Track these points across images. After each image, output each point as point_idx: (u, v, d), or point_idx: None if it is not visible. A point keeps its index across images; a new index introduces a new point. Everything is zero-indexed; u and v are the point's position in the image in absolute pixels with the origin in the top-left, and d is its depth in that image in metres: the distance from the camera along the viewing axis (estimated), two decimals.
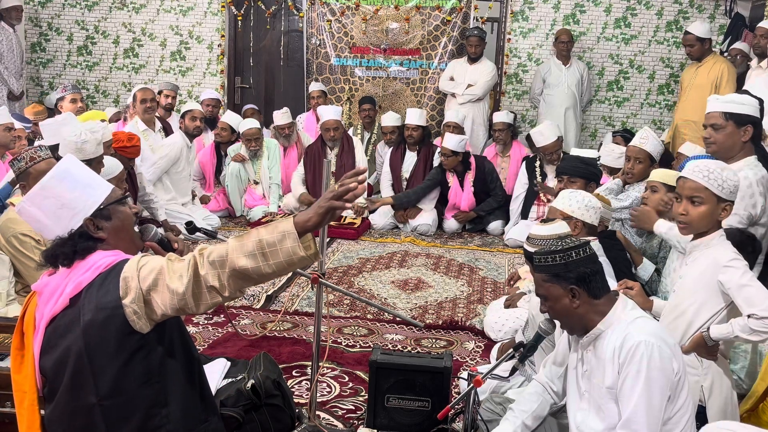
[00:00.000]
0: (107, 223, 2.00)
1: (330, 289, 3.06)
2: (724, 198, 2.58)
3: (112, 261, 1.93)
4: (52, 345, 1.92)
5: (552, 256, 2.22)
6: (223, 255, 1.83)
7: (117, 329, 1.86)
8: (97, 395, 1.88)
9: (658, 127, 7.84)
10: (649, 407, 2.09)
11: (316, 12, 7.98)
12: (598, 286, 2.23)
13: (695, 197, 2.59)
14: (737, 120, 3.31)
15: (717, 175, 2.57)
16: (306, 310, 4.37)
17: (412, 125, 6.74)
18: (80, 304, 1.89)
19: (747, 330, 2.41)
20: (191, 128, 6.24)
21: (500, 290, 4.93)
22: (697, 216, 2.60)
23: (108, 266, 1.92)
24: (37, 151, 3.43)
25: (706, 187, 2.57)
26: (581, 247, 2.23)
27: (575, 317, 2.24)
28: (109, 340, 1.87)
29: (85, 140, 4.13)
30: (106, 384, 1.88)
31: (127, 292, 1.85)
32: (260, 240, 1.83)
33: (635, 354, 2.10)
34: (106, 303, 1.86)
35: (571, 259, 2.20)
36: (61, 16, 8.46)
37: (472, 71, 7.38)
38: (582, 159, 4.69)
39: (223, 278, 1.84)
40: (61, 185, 1.98)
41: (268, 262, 1.83)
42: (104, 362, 1.88)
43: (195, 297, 1.85)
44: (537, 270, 2.28)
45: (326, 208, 1.86)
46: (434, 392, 2.79)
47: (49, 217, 1.97)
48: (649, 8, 7.80)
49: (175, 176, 6.17)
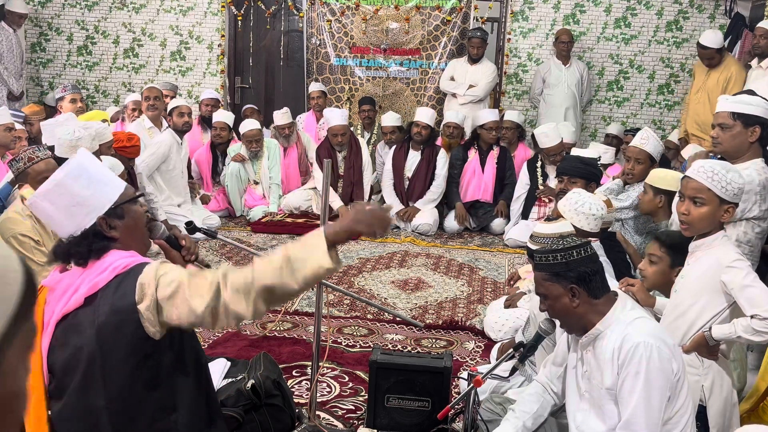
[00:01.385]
0: (120, 221, 1.98)
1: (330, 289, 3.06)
2: (727, 200, 2.56)
3: (129, 263, 1.91)
4: (62, 343, 1.90)
5: (553, 255, 2.22)
6: (248, 280, 1.81)
7: (131, 333, 1.85)
8: (106, 398, 1.87)
9: (658, 127, 7.84)
10: (649, 408, 2.09)
11: (316, 12, 7.98)
12: (597, 285, 2.22)
13: (697, 198, 2.57)
14: (745, 120, 3.30)
15: (721, 177, 2.55)
16: (306, 310, 4.36)
17: (423, 123, 6.67)
18: (95, 304, 1.87)
19: (750, 330, 2.41)
20: (180, 124, 6.17)
21: (500, 290, 4.92)
22: (698, 216, 2.58)
23: (125, 268, 1.90)
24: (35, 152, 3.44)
25: (709, 188, 2.55)
26: (582, 246, 2.23)
27: (574, 316, 2.24)
28: (122, 343, 1.85)
29: (79, 137, 4.14)
30: (115, 387, 1.87)
31: (142, 298, 1.84)
32: (288, 256, 1.81)
33: (634, 355, 2.10)
34: (121, 307, 1.85)
35: (572, 258, 2.20)
36: (61, 16, 8.45)
37: (473, 71, 7.38)
38: (582, 159, 4.68)
39: (248, 303, 1.81)
40: (77, 182, 1.94)
41: (295, 277, 1.80)
42: (116, 365, 1.87)
43: (213, 318, 1.84)
44: (537, 268, 2.28)
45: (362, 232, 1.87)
46: (434, 392, 2.79)
47: (62, 213, 1.94)
48: (649, 8, 7.80)
49: (166, 174, 6.09)
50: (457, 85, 7.43)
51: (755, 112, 3.32)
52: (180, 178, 6.26)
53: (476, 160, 6.68)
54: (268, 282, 1.80)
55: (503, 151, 6.73)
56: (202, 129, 7.31)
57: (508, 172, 6.68)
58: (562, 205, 3.48)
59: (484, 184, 6.67)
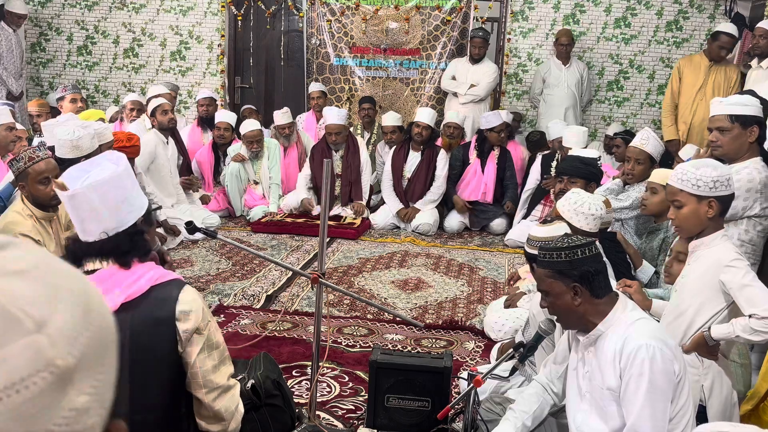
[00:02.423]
0: (149, 228, 2.03)
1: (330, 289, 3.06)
2: (704, 195, 2.59)
3: (162, 275, 1.94)
4: None
5: (558, 253, 2.21)
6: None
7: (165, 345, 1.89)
8: (131, 408, 1.87)
9: (658, 127, 7.83)
10: (654, 411, 2.09)
11: (316, 12, 7.98)
12: (600, 285, 2.22)
13: (675, 201, 2.66)
14: (743, 121, 3.31)
15: (690, 176, 2.61)
16: (306, 310, 4.36)
17: (424, 123, 6.67)
18: (130, 312, 1.86)
19: (748, 330, 2.41)
20: (165, 122, 6.09)
21: (500, 290, 4.92)
22: (683, 218, 2.65)
23: (158, 280, 1.93)
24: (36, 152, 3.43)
25: (681, 189, 2.62)
26: (587, 245, 2.22)
27: (575, 315, 2.24)
28: (155, 354, 1.87)
29: (80, 136, 4.14)
30: (141, 398, 1.88)
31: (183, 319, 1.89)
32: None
33: (636, 358, 2.09)
34: (160, 317, 1.88)
35: (576, 257, 2.20)
36: (61, 16, 8.45)
37: (474, 71, 7.38)
38: (582, 159, 4.68)
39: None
40: (129, 180, 1.98)
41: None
42: (144, 375, 1.88)
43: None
44: (541, 266, 2.28)
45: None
46: (434, 392, 2.79)
47: (109, 207, 1.91)
48: (649, 8, 7.80)
49: (155, 175, 5.96)
50: (458, 85, 7.43)
51: (752, 113, 3.33)
52: (169, 178, 6.14)
53: (477, 161, 6.67)
54: None
55: (503, 151, 6.73)
56: (202, 129, 7.30)
57: (508, 173, 6.68)
58: (561, 205, 3.49)
59: (484, 185, 6.67)
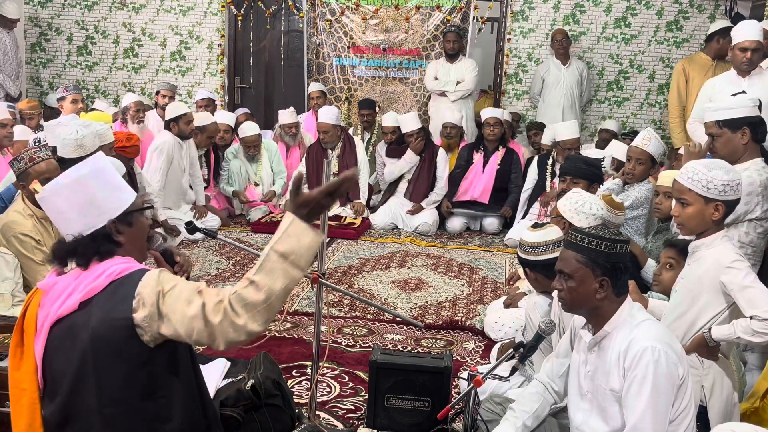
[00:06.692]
0: (128, 228, 2.00)
1: (330, 289, 3.05)
2: (712, 198, 2.58)
3: (124, 269, 1.91)
4: (56, 346, 1.90)
5: (598, 241, 2.18)
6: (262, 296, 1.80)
7: (124, 340, 1.85)
8: (99, 403, 1.87)
9: (658, 127, 7.84)
10: (656, 414, 2.08)
11: (316, 12, 7.98)
12: (623, 284, 2.22)
13: (682, 199, 2.64)
14: (731, 125, 3.31)
15: (702, 176, 2.59)
16: (306, 310, 4.36)
17: (414, 131, 6.65)
18: (90, 309, 1.87)
19: (749, 331, 2.41)
20: (187, 132, 6.02)
21: (500, 290, 4.92)
22: (687, 217, 2.64)
23: (120, 274, 1.90)
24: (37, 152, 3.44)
25: (690, 188, 2.61)
26: (625, 242, 2.22)
27: (590, 306, 2.22)
28: (116, 349, 1.85)
29: (83, 135, 4.16)
30: (108, 392, 1.87)
31: (139, 307, 1.84)
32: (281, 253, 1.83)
33: (641, 360, 2.09)
34: (116, 313, 1.85)
35: (614, 250, 2.18)
36: (61, 16, 8.45)
37: (455, 69, 7.34)
38: (585, 159, 4.68)
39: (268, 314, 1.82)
40: (95, 182, 1.96)
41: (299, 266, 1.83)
42: (109, 370, 1.86)
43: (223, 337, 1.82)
44: (573, 248, 2.23)
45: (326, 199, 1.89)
46: (434, 392, 2.79)
47: (75, 210, 1.93)
48: (649, 8, 7.80)
49: (170, 176, 5.93)
50: (444, 84, 7.39)
51: (739, 115, 3.32)
52: (178, 183, 6.05)
53: (480, 160, 6.66)
54: (281, 286, 1.81)
55: (509, 152, 6.68)
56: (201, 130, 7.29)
57: (513, 174, 6.62)
58: (562, 205, 3.49)
59: (482, 184, 6.65)
